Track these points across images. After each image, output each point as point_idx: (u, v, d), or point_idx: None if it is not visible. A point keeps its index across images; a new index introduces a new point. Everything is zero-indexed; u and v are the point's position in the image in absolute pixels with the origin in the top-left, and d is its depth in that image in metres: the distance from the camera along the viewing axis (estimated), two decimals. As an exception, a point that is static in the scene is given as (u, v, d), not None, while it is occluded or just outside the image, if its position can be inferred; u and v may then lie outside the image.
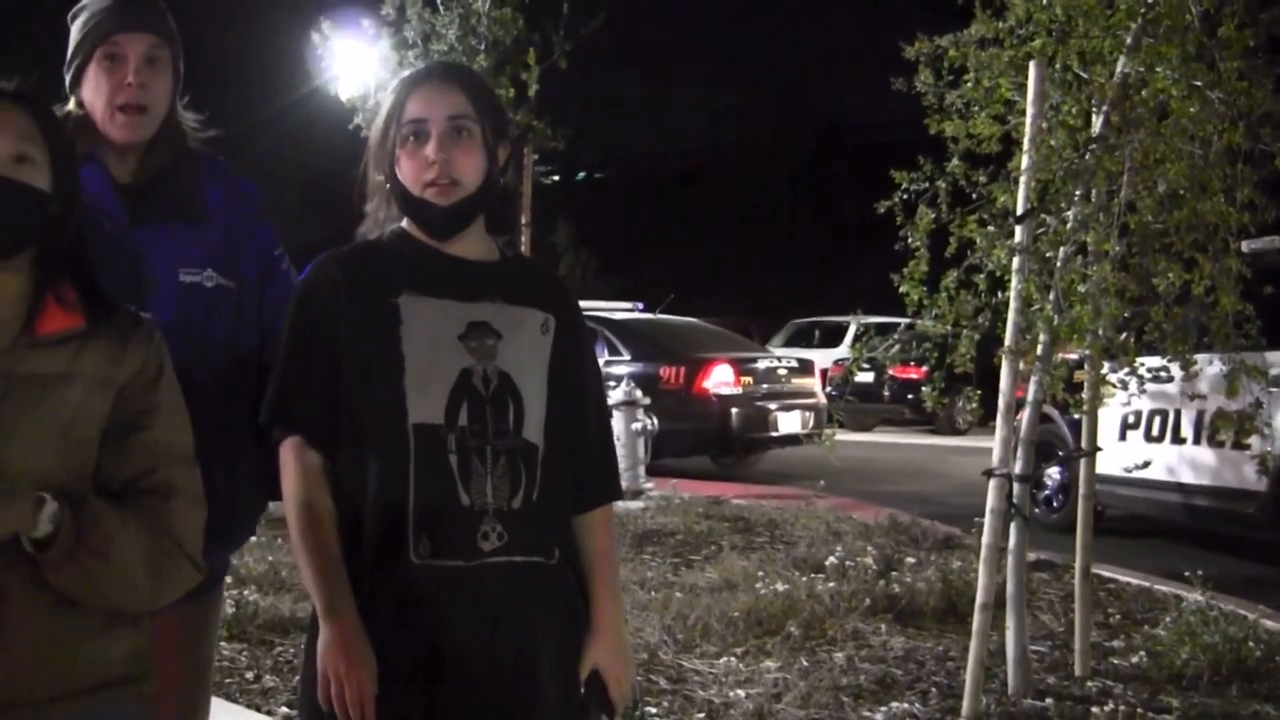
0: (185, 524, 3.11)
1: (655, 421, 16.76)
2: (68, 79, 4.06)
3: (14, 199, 3.02)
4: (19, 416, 2.97)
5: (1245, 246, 8.08)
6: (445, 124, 3.54)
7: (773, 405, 19.79)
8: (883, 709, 7.28)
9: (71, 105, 4.03)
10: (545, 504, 3.54)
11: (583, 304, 4.04)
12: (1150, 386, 7.68)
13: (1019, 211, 7.10)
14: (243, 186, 4.33)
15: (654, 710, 7.21)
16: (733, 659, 8.16)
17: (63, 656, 2.99)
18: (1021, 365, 7.26)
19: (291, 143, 45.13)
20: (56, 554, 2.85)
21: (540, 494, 3.52)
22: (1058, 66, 7.30)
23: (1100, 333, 6.99)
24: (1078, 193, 7.12)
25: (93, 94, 4.00)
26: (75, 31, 4.05)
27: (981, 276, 7.32)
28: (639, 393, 16.73)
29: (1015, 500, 7.23)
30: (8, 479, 2.87)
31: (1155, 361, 7.53)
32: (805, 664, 8.05)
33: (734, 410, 19.42)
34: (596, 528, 3.79)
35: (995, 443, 7.28)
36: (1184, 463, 12.14)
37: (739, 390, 19.63)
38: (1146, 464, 9.50)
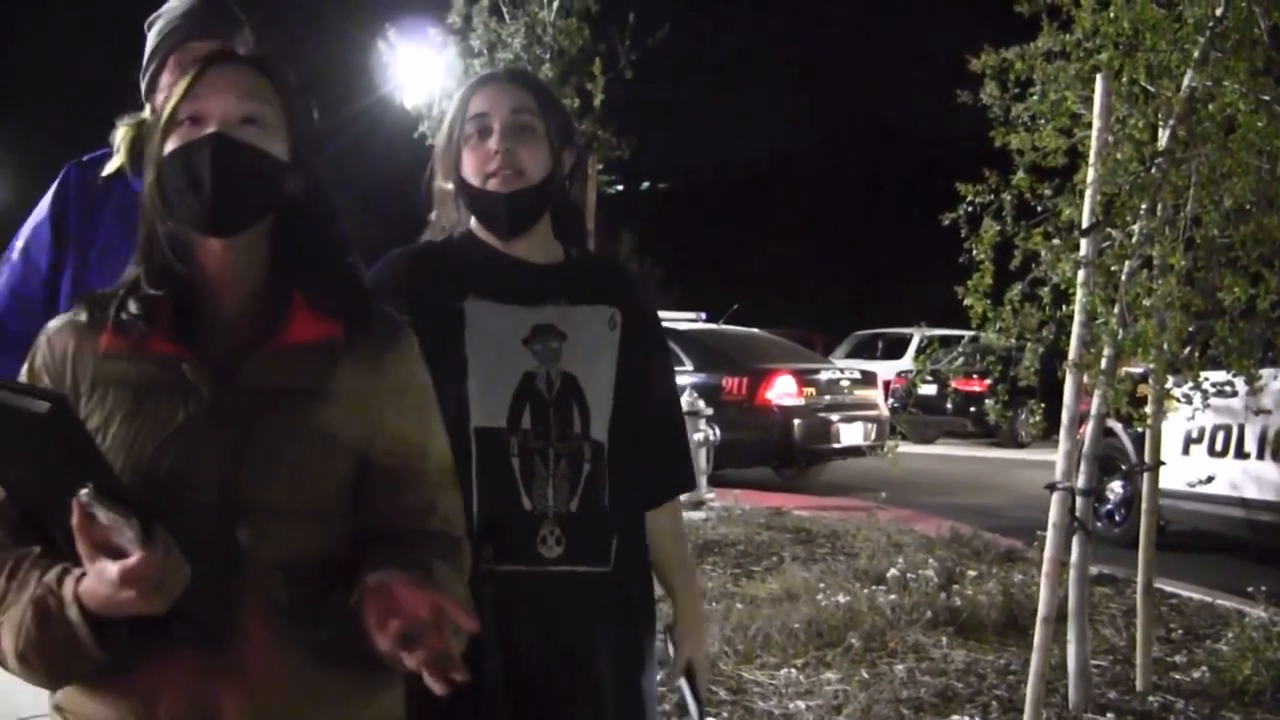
0: (468, 565, 2.79)
1: (717, 432, 16.76)
2: (143, 86, 4.05)
3: (236, 160, 2.60)
4: (272, 440, 2.56)
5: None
6: (509, 117, 3.55)
7: (835, 417, 19.75)
8: (943, 721, 7.28)
9: (147, 113, 3.99)
10: (612, 501, 3.56)
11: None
12: (1214, 401, 7.65)
13: (1084, 225, 7.08)
14: None
15: (714, 720, 7.23)
16: (793, 670, 8.17)
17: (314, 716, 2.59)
18: (1085, 379, 7.24)
19: (356, 150, 45.29)
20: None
21: (610, 491, 3.55)
22: (1124, 80, 7.27)
23: (1165, 347, 6.97)
24: (1143, 206, 7.09)
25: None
26: (151, 38, 4.03)
27: (1046, 289, 7.30)
28: (701, 403, 16.73)
29: (1078, 514, 7.22)
30: (256, 512, 2.49)
31: (1220, 376, 7.50)
32: (866, 676, 8.05)
33: (796, 421, 19.39)
34: (667, 519, 3.86)
35: (1058, 456, 7.26)
36: (1248, 478, 12.05)
37: (801, 401, 19.60)
38: (1210, 479, 9.47)
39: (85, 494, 2.23)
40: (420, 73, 14.95)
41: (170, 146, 2.63)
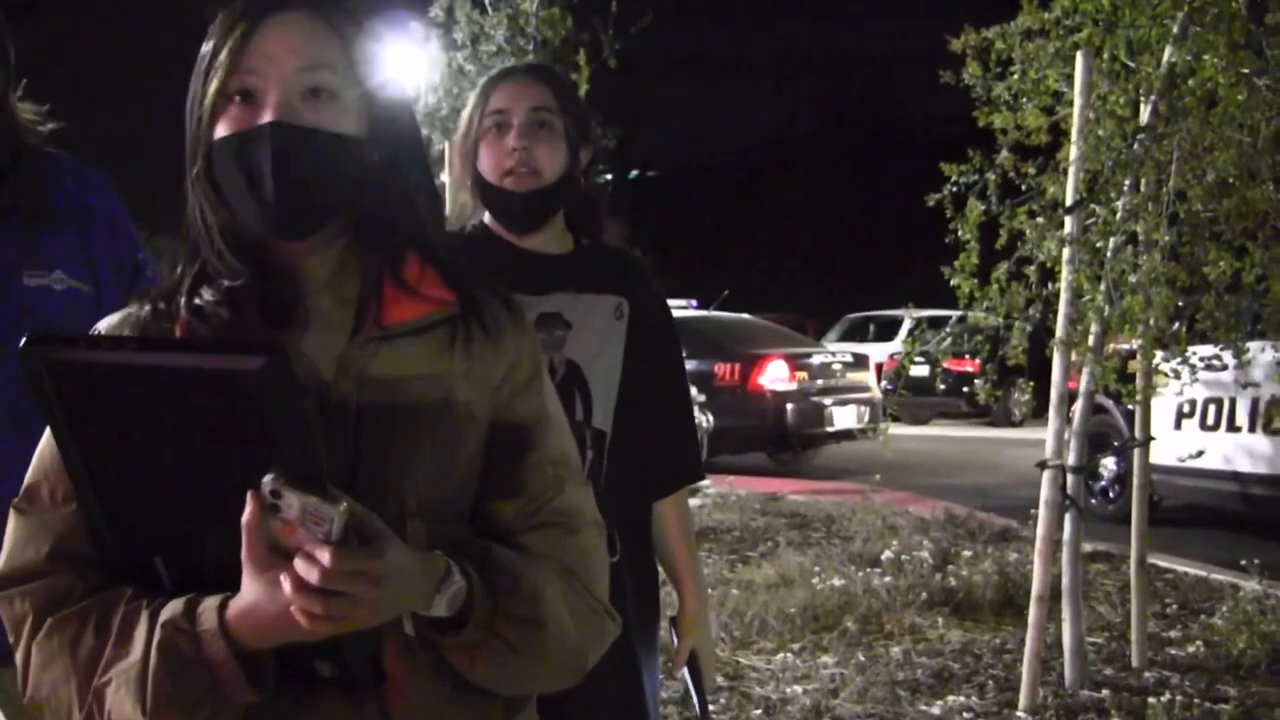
0: (594, 562, 2.34)
1: (711, 418, 16.78)
2: None
3: (302, 152, 2.15)
4: (387, 434, 2.17)
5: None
6: (527, 115, 3.57)
7: (828, 400, 19.73)
8: (940, 703, 7.28)
9: None
10: (612, 491, 3.50)
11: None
12: (1205, 375, 7.66)
13: (1068, 202, 7.09)
14: (96, 184, 3.84)
15: (712, 707, 7.23)
16: (789, 655, 8.18)
17: None
18: (1074, 356, 7.25)
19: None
20: (473, 634, 2.10)
21: (607, 481, 3.52)
22: (1105, 57, 7.28)
23: (1151, 322, 6.98)
24: (1127, 182, 7.10)
25: None
26: None
27: (1032, 268, 7.32)
28: (694, 390, 16.68)
29: (1069, 491, 7.22)
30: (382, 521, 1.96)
31: (1207, 350, 7.51)
32: (862, 659, 8.05)
33: (789, 406, 19.37)
34: (673, 510, 3.89)
35: (1048, 434, 7.27)
36: (1240, 451, 12.08)
37: (794, 386, 19.57)
38: (1200, 453, 9.49)
39: (271, 479, 1.84)
40: (403, 67, 14.95)
41: (220, 131, 2.17)
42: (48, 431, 2.17)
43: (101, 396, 1.96)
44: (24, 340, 1.96)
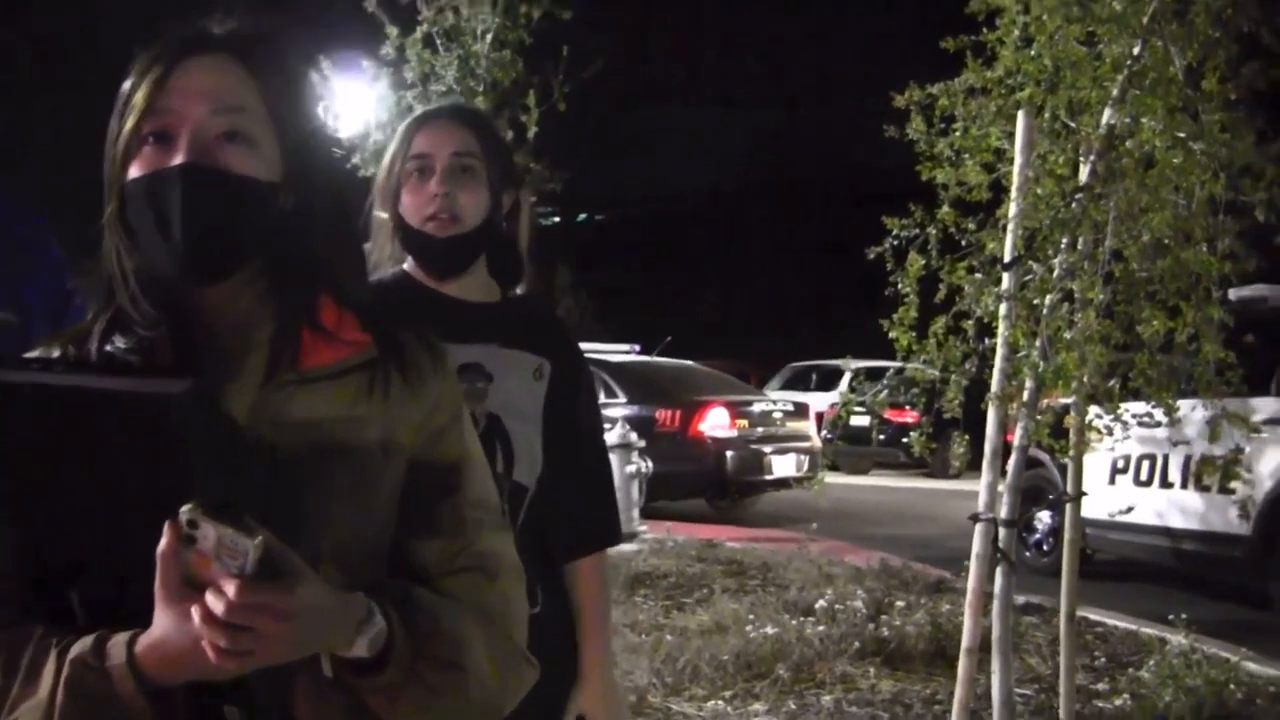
0: (513, 608, 2.36)
1: (650, 464, 16.78)
2: None
3: (213, 196, 2.13)
4: (302, 477, 2.13)
5: (1233, 294, 8.14)
6: (450, 160, 3.55)
7: (768, 448, 19.82)
8: (868, 751, 7.33)
9: None
10: (530, 547, 3.43)
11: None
12: (1139, 431, 7.74)
13: (1006, 259, 7.16)
14: (22, 213, 3.80)
15: (642, 751, 7.26)
16: (721, 702, 8.22)
17: None
18: (1009, 410, 7.31)
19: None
20: (394, 675, 2.07)
21: (525, 536, 3.43)
22: (1046, 116, 7.36)
23: (1085, 379, 7.04)
24: (1064, 241, 7.16)
25: None
26: None
27: (970, 322, 7.36)
28: (634, 435, 16.72)
29: (1001, 545, 7.27)
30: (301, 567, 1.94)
31: (1140, 407, 7.59)
32: (793, 707, 8.10)
33: (729, 453, 19.46)
34: (588, 572, 3.82)
35: (981, 487, 7.33)
36: (1172, 507, 12.23)
37: (734, 433, 19.67)
38: (1130, 509, 9.59)
39: (188, 509, 1.83)
40: (353, 104, 14.97)
41: (133, 172, 2.15)
42: None
43: (26, 418, 1.97)
44: None
